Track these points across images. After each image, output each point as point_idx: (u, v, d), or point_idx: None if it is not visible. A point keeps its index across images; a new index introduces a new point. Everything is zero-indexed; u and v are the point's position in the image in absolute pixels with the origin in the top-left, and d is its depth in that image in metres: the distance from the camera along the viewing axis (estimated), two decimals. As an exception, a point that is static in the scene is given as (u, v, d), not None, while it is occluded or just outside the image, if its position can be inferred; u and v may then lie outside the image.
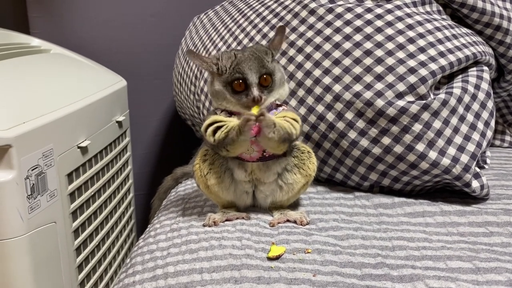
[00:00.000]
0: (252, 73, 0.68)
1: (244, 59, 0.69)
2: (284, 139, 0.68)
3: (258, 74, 0.68)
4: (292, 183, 0.75)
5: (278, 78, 0.71)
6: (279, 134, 0.67)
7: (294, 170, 0.75)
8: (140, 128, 1.43)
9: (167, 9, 1.40)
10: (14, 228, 0.73)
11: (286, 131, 0.68)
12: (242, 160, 0.73)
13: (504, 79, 1.06)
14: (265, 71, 0.69)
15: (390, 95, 0.80)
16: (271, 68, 0.70)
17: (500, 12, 0.96)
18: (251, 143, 0.70)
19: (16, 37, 1.17)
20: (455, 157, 0.79)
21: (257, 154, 0.71)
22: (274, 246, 0.66)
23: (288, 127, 0.68)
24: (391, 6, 0.90)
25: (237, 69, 0.68)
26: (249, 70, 0.68)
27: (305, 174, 0.76)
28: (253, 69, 0.68)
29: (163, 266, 0.63)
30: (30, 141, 0.75)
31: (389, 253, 0.65)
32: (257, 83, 0.68)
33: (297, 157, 0.76)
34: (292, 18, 0.93)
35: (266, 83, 0.69)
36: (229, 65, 0.69)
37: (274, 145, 0.69)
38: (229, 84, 0.69)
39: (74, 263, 0.89)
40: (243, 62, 0.68)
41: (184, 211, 0.82)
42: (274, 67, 0.71)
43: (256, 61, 0.69)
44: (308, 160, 0.76)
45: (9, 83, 0.86)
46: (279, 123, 0.67)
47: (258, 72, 0.68)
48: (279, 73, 0.72)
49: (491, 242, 0.68)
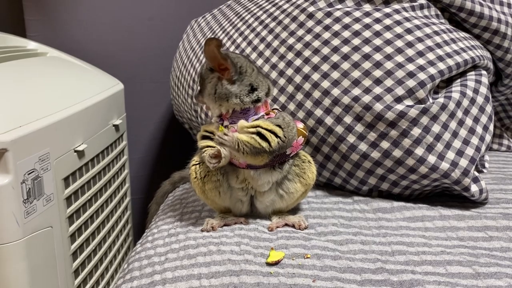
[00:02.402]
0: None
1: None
2: (257, 152, 0.68)
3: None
4: (293, 192, 0.75)
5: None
6: (246, 150, 0.67)
7: (295, 179, 0.75)
8: (137, 132, 1.42)
9: (164, 12, 1.40)
10: (10, 232, 0.72)
11: (252, 146, 0.67)
12: (234, 165, 0.72)
13: (501, 83, 1.06)
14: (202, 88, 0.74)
15: (389, 99, 0.80)
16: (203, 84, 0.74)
17: (498, 16, 0.96)
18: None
19: (12, 40, 1.16)
20: (454, 161, 0.78)
21: (244, 161, 0.71)
22: (273, 251, 0.65)
23: (254, 142, 0.67)
24: (389, 10, 0.90)
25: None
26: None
27: (305, 183, 0.76)
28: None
29: (161, 272, 0.63)
30: (27, 145, 0.74)
31: (389, 258, 0.64)
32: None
33: (298, 166, 0.75)
34: (291, 22, 0.93)
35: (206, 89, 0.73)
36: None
37: (248, 158, 0.69)
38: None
39: (71, 268, 0.88)
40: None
41: (182, 215, 0.81)
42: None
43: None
44: (309, 169, 0.76)
45: (5, 87, 0.85)
46: (243, 140, 0.67)
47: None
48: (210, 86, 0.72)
49: (490, 247, 0.67)
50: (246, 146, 0.67)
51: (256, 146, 0.67)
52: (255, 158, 0.69)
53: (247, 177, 0.73)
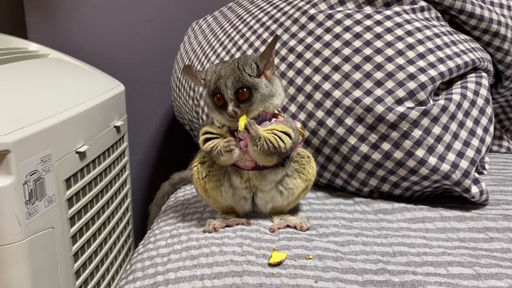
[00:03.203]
0: (227, 89, 0.68)
1: (223, 74, 0.69)
2: (271, 153, 0.68)
3: (233, 90, 0.68)
4: (292, 188, 0.75)
5: (261, 91, 0.69)
6: (264, 147, 0.67)
7: (294, 175, 0.75)
8: (138, 133, 1.42)
9: (165, 14, 1.40)
10: (12, 234, 0.72)
11: (272, 145, 0.68)
12: (238, 167, 0.73)
13: (501, 84, 1.06)
14: (241, 86, 0.68)
15: (390, 101, 0.80)
16: (250, 82, 0.69)
17: (498, 18, 0.97)
18: (243, 152, 0.70)
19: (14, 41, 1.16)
20: (455, 163, 0.79)
21: (250, 164, 0.71)
22: (275, 252, 0.66)
23: (274, 141, 0.68)
24: (390, 12, 0.90)
25: (216, 84, 0.69)
26: (224, 86, 0.68)
27: (305, 179, 0.76)
28: (228, 85, 0.68)
29: (164, 273, 0.63)
30: (29, 146, 0.74)
31: (390, 259, 0.65)
32: (232, 99, 0.68)
33: (297, 162, 0.76)
34: (292, 24, 0.94)
35: (243, 98, 0.68)
36: (212, 79, 0.70)
37: (261, 157, 0.69)
38: (212, 98, 0.70)
39: (72, 269, 0.88)
40: (221, 77, 0.69)
41: (184, 216, 0.81)
42: (255, 81, 0.69)
43: (233, 76, 0.68)
44: (308, 164, 0.76)
45: (7, 88, 0.85)
46: (266, 136, 0.68)
47: (233, 88, 0.68)
48: (264, 86, 0.70)
49: (491, 248, 0.68)
50: (266, 143, 0.68)
51: (276, 145, 0.68)
52: (266, 158, 0.69)
53: (251, 177, 0.74)
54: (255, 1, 1.09)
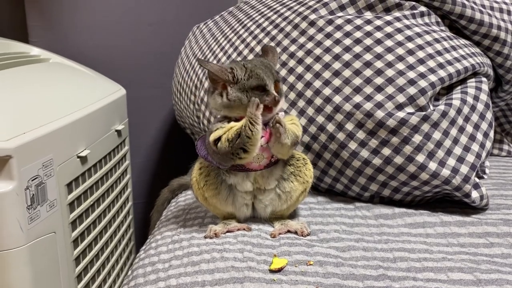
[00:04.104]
0: (269, 78, 0.70)
1: (258, 66, 0.71)
2: (295, 143, 0.72)
3: (273, 80, 0.71)
4: (289, 191, 0.76)
5: (283, 87, 0.74)
6: (292, 138, 0.70)
7: (290, 178, 0.76)
8: (139, 137, 1.43)
9: (166, 18, 1.40)
10: (14, 238, 0.72)
11: (296, 134, 0.71)
12: (249, 170, 0.73)
13: (501, 89, 1.07)
14: (277, 78, 0.71)
15: (390, 107, 0.81)
16: (280, 76, 0.73)
17: (498, 23, 0.97)
18: (261, 150, 0.71)
19: (15, 46, 1.17)
20: (455, 168, 0.79)
21: (266, 161, 0.72)
22: (276, 258, 0.66)
23: (296, 130, 0.72)
24: (390, 17, 0.91)
25: (255, 75, 0.70)
26: (266, 75, 0.70)
27: (302, 181, 0.76)
28: (270, 76, 0.71)
29: (165, 279, 0.63)
30: (30, 152, 0.74)
31: (391, 265, 0.65)
32: (273, 88, 0.71)
33: (293, 164, 0.76)
34: (292, 29, 0.94)
35: (277, 90, 0.71)
36: (244, 72, 0.70)
37: (285, 150, 0.72)
38: (249, 89, 0.70)
39: (74, 273, 0.89)
40: (259, 68, 0.70)
41: (185, 222, 0.82)
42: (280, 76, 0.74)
43: (268, 69, 0.71)
44: (304, 167, 0.77)
45: (8, 93, 0.85)
46: (289, 127, 0.71)
47: (273, 78, 0.71)
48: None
49: (491, 253, 0.68)
50: (292, 133, 0.70)
51: (297, 134, 0.71)
52: (290, 149, 0.72)
53: (257, 178, 0.74)
54: (256, 6, 1.09)
